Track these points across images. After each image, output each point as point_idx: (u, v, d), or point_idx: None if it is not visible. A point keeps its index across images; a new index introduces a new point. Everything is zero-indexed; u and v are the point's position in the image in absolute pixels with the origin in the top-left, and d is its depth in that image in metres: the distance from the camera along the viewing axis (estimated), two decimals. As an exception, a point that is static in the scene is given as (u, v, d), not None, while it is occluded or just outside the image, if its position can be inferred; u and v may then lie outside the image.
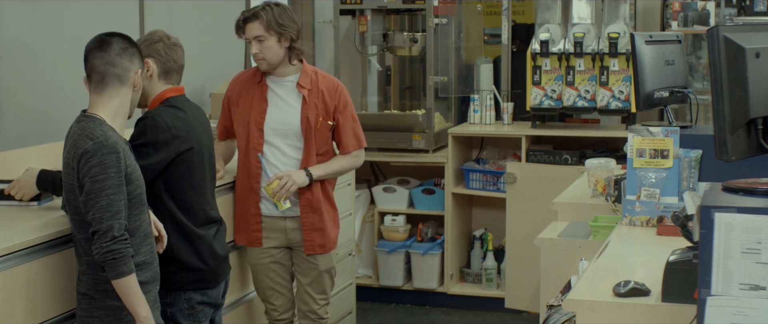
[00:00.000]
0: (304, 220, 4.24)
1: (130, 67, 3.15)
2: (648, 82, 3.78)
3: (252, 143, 4.18)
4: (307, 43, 6.76)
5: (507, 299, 5.95)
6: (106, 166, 2.99)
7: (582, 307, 2.58)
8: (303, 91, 4.18)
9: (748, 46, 2.60)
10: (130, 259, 3.02)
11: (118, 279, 3.01)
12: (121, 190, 3.01)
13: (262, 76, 4.20)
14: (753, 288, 2.12)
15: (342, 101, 4.26)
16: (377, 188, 6.38)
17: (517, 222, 5.88)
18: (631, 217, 3.39)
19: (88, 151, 3.00)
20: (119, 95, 3.14)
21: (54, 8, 4.29)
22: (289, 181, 4.12)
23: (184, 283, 3.64)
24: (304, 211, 4.23)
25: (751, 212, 2.13)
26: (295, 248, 4.32)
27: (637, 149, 3.40)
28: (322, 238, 4.29)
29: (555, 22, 6.03)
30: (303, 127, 4.17)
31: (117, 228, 2.98)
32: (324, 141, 4.24)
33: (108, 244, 2.97)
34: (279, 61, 4.14)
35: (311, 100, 4.18)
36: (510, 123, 6.31)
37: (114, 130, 3.09)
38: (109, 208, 2.98)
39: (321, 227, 4.27)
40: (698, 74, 6.37)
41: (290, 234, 4.27)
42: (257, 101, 4.19)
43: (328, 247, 4.32)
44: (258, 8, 4.08)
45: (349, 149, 4.31)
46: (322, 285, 4.37)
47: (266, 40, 4.07)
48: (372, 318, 6.12)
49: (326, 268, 4.36)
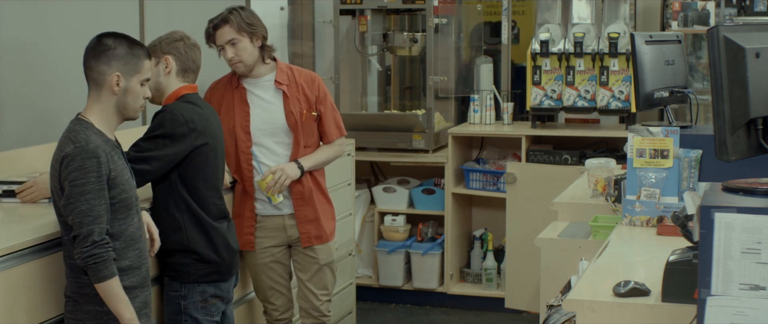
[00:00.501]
0: (298, 213, 4.28)
1: (106, 71, 3.11)
2: (648, 82, 3.78)
3: (241, 147, 4.20)
4: (307, 43, 6.76)
5: (507, 299, 5.95)
6: (85, 170, 2.99)
7: (582, 307, 2.58)
8: (282, 87, 4.22)
9: (748, 46, 2.60)
10: (111, 263, 3.02)
11: (100, 283, 3.02)
12: (101, 194, 3.01)
13: (238, 81, 4.22)
14: (753, 288, 2.12)
15: (322, 92, 4.32)
16: (377, 188, 6.38)
17: (517, 222, 5.88)
18: (631, 217, 3.39)
19: (69, 155, 3.02)
20: (100, 99, 3.13)
21: (54, 8, 4.29)
22: (282, 175, 4.16)
23: (199, 276, 3.71)
24: (297, 203, 4.27)
25: (751, 212, 2.13)
26: (294, 245, 4.34)
27: (637, 149, 3.40)
28: (318, 229, 4.32)
29: (555, 22, 6.03)
30: (290, 122, 4.21)
31: (97, 233, 2.99)
32: (311, 133, 4.29)
33: (88, 249, 2.98)
34: (254, 61, 4.17)
35: (292, 95, 4.23)
36: (510, 123, 6.31)
37: (101, 134, 3.09)
38: (88, 212, 2.99)
39: (315, 218, 4.30)
40: (698, 74, 6.37)
41: (289, 231, 4.29)
42: (239, 105, 4.22)
43: (324, 238, 4.35)
44: (224, 14, 4.12)
45: (332, 138, 4.36)
46: (322, 280, 4.39)
47: (239, 41, 4.11)
48: (372, 318, 6.12)
49: (326, 262, 4.38)
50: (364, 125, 6.21)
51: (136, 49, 3.17)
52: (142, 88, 3.19)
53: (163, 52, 3.72)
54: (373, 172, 6.60)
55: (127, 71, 3.13)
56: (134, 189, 3.22)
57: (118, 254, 3.09)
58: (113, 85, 3.11)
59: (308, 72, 4.36)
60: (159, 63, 3.71)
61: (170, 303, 3.73)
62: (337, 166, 5.24)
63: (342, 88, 6.32)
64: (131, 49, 3.15)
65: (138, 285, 3.20)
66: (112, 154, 3.10)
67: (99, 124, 3.11)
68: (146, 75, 3.19)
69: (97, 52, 3.12)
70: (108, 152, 3.07)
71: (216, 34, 4.13)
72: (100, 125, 3.11)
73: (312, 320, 4.41)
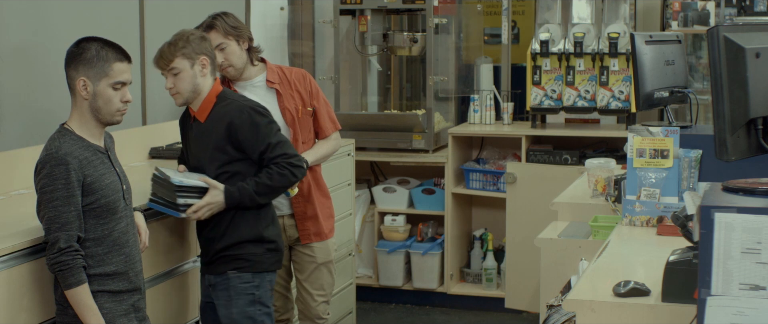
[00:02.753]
0: (297, 210, 4.28)
1: (74, 76, 3.12)
2: (648, 82, 3.78)
3: None
4: (307, 43, 6.76)
5: (507, 299, 5.95)
6: (53, 177, 3.01)
7: (582, 307, 2.58)
8: (274, 86, 4.22)
9: (748, 46, 2.60)
10: (79, 271, 3.02)
11: (67, 289, 3.03)
12: (70, 201, 3.01)
13: (229, 86, 4.20)
14: (753, 288, 2.12)
15: (314, 87, 4.34)
16: (377, 188, 6.38)
17: (517, 222, 5.88)
18: (631, 217, 3.39)
19: (40, 162, 3.06)
20: (76, 105, 3.14)
21: (54, 8, 4.29)
22: None
23: (269, 264, 3.83)
24: (296, 201, 4.26)
25: (751, 212, 2.13)
26: (294, 246, 4.34)
27: (637, 149, 3.40)
28: (316, 227, 4.32)
29: (555, 22, 6.03)
30: (287, 119, 4.21)
31: (63, 239, 2.99)
32: (308, 129, 4.29)
33: (55, 256, 3.00)
34: (244, 63, 4.17)
35: (285, 92, 4.23)
36: (510, 123, 6.32)
37: (81, 140, 3.10)
38: (55, 219, 3.00)
39: (314, 215, 4.30)
40: (698, 74, 6.37)
41: (288, 231, 4.29)
42: None
43: (323, 236, 4.35)
44: (209, 20, 4.12)
45: (328, 133, 4.37)
46: (319, 280, 4.37)
47: (228, 46, 4.11)
48: (372, 318, 6.12)
49: (324, 261, 4.37)
50: (364, 125, 6.21)
51: (106, 51, 3.12)
52: (118, 92, 3.13)
53: (197, 52, 3.72)
54: (373, 172, 6.60)
55: (93, 75, 3.10)
56: (121, 192, 3.20)
57: (100, 259, 3.10)
58: (80, 90, 3.11)
59: (298, 69, 4.37)
60: (194, 64, 3.71)
61: (241, 295, 3.75)
62: (337, 166, 5.25)
63: (342, 88, 6.32)
64: (99, 53, 3.11)
65: (125, 289, 3.20)
66: (92, 159, 3.10)
67: (79, 130, 3.13)
68: (118, 78, 3.12)
69: (68, 58, 3.13)
70: (84, 158, 3.07)
71: None
72: (80, 132, 3.12)
73: (309, 323, 4.41)
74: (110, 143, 3.29)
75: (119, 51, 3.16)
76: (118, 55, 3.15)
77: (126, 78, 3.17)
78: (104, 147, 3.19)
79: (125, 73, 3.16)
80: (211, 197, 3.66)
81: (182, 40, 3.71)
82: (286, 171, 3.74)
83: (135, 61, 4.83)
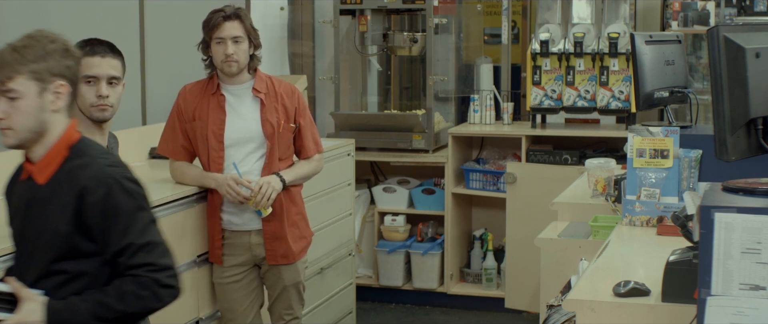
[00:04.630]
0: (265, 229, 4.09)
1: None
2: (648, 82, 3.79)
3: (212, 156, 4.04)
4: (307, 43, 6.76)
5: (507, 299, 5.95)
6: None
7: (582, 307, 2.58)
8: (259, 95, 4.07)
9: (748, 46, 2.60)
10: None
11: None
12: None
13: (216, 87, 4.08)
14: (753, 288, 2.12)
15: (301, 104, 4.19)
16: (377, 188, 6.38)
17: (517, 222, 5.88)
18: (631, 217, 3.39)
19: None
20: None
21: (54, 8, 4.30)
22: (269, 189, 4.00)
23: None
24: (266, 219, 4.09)
25: (751, 212, 2.13)
26: (263, 264, 4.18)
27: (637, 149, 3.39)
28: (284, 248, 4.13)
29: (555, 22, 6.03)
30: (266, 131, 4.06)
31: None
32: (287, 146, 4.14)
33: None
34: (245, 66, 4.06)
35: (269, 104, 4.08)
36: (510, 123, 6.31)
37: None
38: None
39: (282, 236, 4.12)
40: (698, 74, 6.37)
41: (255, 250, 4.12)
42: (214, 112, 4.06)
43: (291, 258, 4.15)
44: (237, 10, 4.01)
45: (310, 153, 4.21)
46: (287, 300, 4.20)
47: (242, 42, 4.00)
48: (372, 318, 6.12)
49: (292, 283, 4.19)
50: (364, 125, 6.21)
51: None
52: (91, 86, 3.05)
53: (54, 73, 2.52)
54: (373, 172, 6.60)
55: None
56: None
57: None
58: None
59: (288, 84, 4.21)
60: (45, 91, 2.52)
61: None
62: (337, 166, 5.25)
63: (342, 88, 6.32)
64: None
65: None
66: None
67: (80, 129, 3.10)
68: (86, 72, 2.97)
69: None
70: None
71: (224, 24, 3.98)
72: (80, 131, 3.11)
73: None
74: (113, 143, 3.27)
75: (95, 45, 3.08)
76: (88, 50, 3.04)
77: (95, 72, 3.08)
78: (107, 147, 3.19)
79: (95, 67, 3.08)
80: (24, 315, 2.39)
81: (35, 48, 2.48)
82: (146, 291, 2.44)
83: (135, 61, 4.85)
